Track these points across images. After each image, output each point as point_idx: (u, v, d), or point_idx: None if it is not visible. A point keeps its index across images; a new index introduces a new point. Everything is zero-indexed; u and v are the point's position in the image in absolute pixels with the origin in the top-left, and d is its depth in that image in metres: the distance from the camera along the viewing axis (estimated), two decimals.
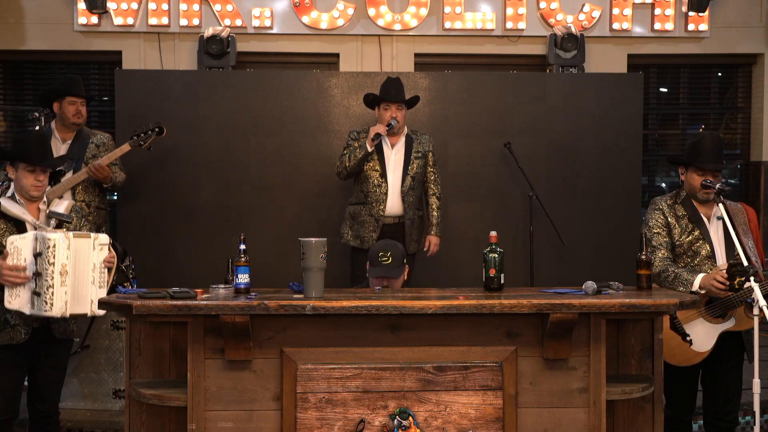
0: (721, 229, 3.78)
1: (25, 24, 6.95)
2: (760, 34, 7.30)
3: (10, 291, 3.49)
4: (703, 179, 3.75)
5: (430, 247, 5.10)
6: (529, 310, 3.07)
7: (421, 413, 3.12)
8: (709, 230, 3.79)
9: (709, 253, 3.75)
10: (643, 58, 7.26)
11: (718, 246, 3.77)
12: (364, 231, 5.03)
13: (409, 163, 5.04)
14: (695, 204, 3.82)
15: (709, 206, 3.82)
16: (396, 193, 5.00)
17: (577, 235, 5.89)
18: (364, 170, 5.02)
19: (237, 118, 5.95)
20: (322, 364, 3.10)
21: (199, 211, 5.92)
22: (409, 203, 5.03)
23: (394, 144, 5.06)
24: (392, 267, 3.82)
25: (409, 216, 5.02)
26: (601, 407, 3.17)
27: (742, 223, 3.77)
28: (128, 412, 3.27)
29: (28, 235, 3.53)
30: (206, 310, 3.00)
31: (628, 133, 6.08)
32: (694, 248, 3.77)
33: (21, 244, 3.50)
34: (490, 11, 7.05)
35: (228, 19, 6.87)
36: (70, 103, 5.17)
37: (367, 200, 5.03)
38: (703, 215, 3.81)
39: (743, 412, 4.59)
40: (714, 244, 3.76)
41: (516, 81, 6.16)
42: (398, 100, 4.99)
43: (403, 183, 5.01)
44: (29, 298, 3.51)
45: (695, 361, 3.71)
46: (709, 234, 3.77)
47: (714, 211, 3.81)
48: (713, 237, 3.78)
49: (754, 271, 3.46)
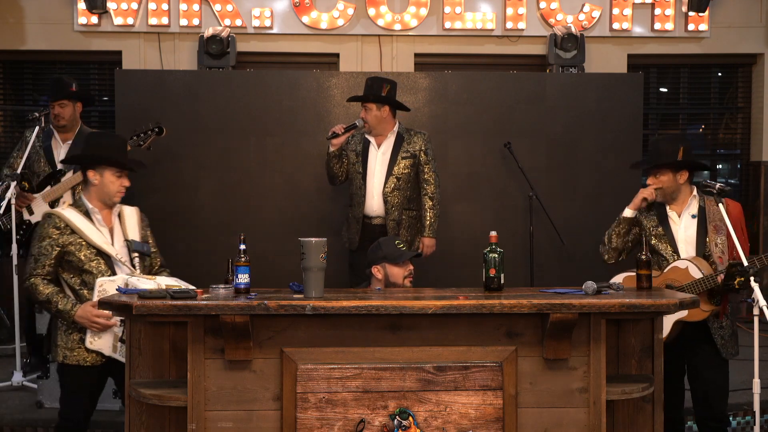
0: (694, 227, 3.86)
1: (25, 24, 6.95)
2: (760, 34, 7.31)
3: (93, 333, 3.52)
4: (649, 179, 3.95)
5: (423, 249, 5.00)
6: (529, 310, 3.07)
7: (421, 413, 3.12)
8: (675, 229, 3.88)
9: (671, 252, 3.85)
10: (643, 58, 7.26)
11: (685, 242, 3.85)
12: (350, 233, 5.05)
13: (394, 164, 4.97)
14: (667, 204, 3.94)
15: (680, 204, 3.91)
16: (377, 194, 4.97)
17: (577, 235, 5.88)
18: (350, 170, 5.03)
19: (237, 118, 5.95)
20: (322, 364, 3.10)
21: (199, 211, 5.91)
22: (394, 204, 4.95)
23: (380, 144, 5.02)
24: (410, 251, 4.08)
25: (393, 217, 4.95)
26: (601, 407, 3.17)
27: (717, 220, 3.81)
28: (128, 412, 3.27)
29: (118, 278, 3.50)
30: (206, 310, 3.00)
31: (628, 133, 6.08)
32: (659, 245, 3.88)
33: (110, 288, 3.46)
34: (490, 11, 7.05)
35: (228, 19, 6.87)
36: (52, 106, 5.19)
37: (352, 202, 5.05)
38: (676, 213, 3.91)
39: (743, 412, 4.59)
40: (678, 242, 3.86)
41: (516, 81, 6.16)
42: (363, 100, 4.95)
43: (386, 184, 4.96)
44: (112, 344, 3.54)
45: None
46: (672, 232, 3.88)
47: (687, 209, 3.90)
48: (680, 234, 3.87)
49: (754, 271, 3.49)
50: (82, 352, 3.58)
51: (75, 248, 3.57)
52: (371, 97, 4.93)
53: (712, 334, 3.75)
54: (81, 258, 3.57)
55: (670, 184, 3.88)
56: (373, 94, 4.92)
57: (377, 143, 5.02)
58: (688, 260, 3.77)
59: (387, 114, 4.99)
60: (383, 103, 4.95)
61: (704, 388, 3.80)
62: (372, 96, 4.92)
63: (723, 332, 3.76)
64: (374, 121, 4.95)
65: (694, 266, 3.73)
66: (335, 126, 4.95)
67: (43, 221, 3.66)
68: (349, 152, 5.05)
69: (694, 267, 3.73)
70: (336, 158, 4.97)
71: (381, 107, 4.94)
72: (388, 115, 4.99)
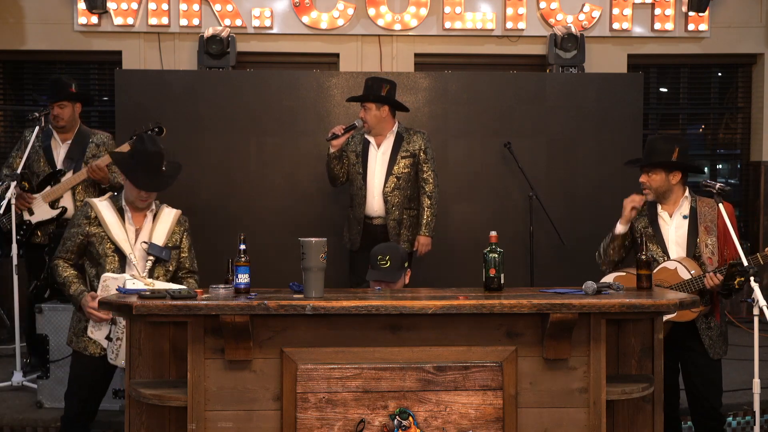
0: (685, 228, 3.86)
1: (25, 24, 6.95)
2: (760, 34, 7.30)
3: (94, 323, 3.62)
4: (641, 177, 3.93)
5: (418, 247, 4.99)
6: (529, 310, 3.07)
7: (421, 413, 3.12)
8: (665, 229, 3.88)
9: (661, 253, 3.85)
10: (643, 58, 7.26)
11: (675, 243, 3.85)
12: (351, 233, 5.05)
13: (394, 163, 4.98)
14: (659, 204, 3.93)
15: (672, 204, 3.91)
16: (378, 194, 4.97)
17: (577, 235, 5.88)
18: (350, 171, 5.03)
19: (237, 118, 5.95)
20: (322, 364, 3.10)
21: (199, 211, 5.91)
22: (394, 204, 4.95)
23: (380, 144, 5.03)
24: (390, 270, 3.81)
25: (393, 217, 4.96)
26: (601, 407, 3.17)
27: (708, 221, 3.81)
28: (128, 412, 3.27)
29: (120, 277, 3.57)
30: (206, 310, 3.00)
31: (628, 133, 6.08)
32: (649, 246, 3.86)
33: (112, 285, 3.55)
34: (490, 11, 7.05)
35: (228, 19, 6.87)
36: (51, 107, 5.19)
37: (353, 202, 5.05)
38: (667, 213, 3.90)
39: (743, 412, 4.60)
40: (668, 243, 3.86)
41: (516, 81, 6.16)
42: (363, 100, 4.96)
43: (385, 183, 4.97)
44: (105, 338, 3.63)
45: None
46: (662, 233, 3.88)
47: (679, 209, 3.90)
48: (670, 235, 3.87)
49: (754, 271, 3.49)
50: (85, 340, 3.69)
51: (96, 240, 3.69)
52: (371, 96, 4.94)
53: (700, 334, 3.77)
54: (99, 251, 3.68)
55: (661, 183, 3.87)
56: (373, 94, 4.93)
57: (377, 143, 5.02)
58: (677, 261, 3.78)
59: (386, 114, 4.99)
60: (383, 102, 4.96)
61: (697, 386, 3.82)
62: (372, 96, 4.93)
63: (711, 333, 3.78)
64: (373, 121, 4.95)
65: (683, 267, 3.74)
66: (335, 127, 4.95)
67: (80, 208, 3.86)
68: (349, 153, 5.05)
69: (683, 268, 3.74)
70: (336, 159, 4.97)
71: (380, 107, 4.95)
72: (388, 114, 5.00)
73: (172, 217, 3.87)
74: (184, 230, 3.91)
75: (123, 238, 3.70)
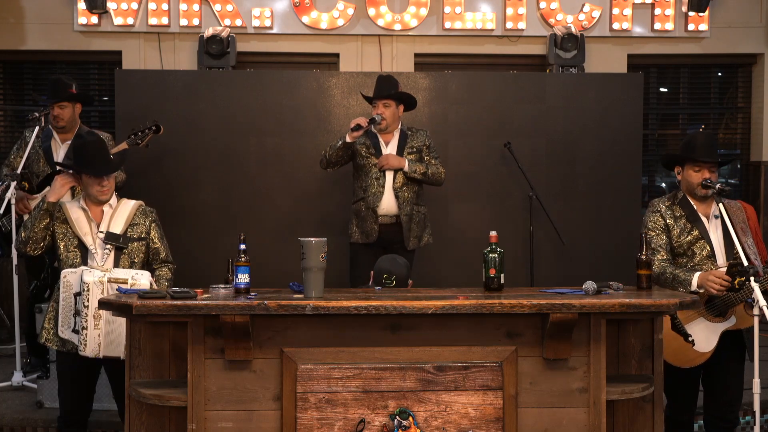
0: (720, 228, 3.76)
1: (25, 24, 6.95)
2: (760, 34, 7.30)
3: (63, 321, 3.67)
4: (701, 176, 3.74)
5: (387, 158, 4.93)
6: (529, 310, 3.07)
7: (421, 413, 3.12)
8: (708, 229, 3.77)
9: (709, 252, 3.74)
10: (643, 58, 7.26)
11: (718, 245, 3.75)
12: (366, 225, 5.03)
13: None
14: (693, 203, 3.81)
15: (707, 205, 3.81)
16: (389, 189, 4.99)
17: (577, 235, 5.88)
18: (363, 164, 5.02)
19: (237, 118, 5.95)
20: (322, 364, 3.10)
21: (199, 211, 5.91)
22: (405, 199, 4.98)
23: (387, 141, 5.04)
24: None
25: (405, 212, 4.98)
26: (601, 407, 3.17)
27: (741, 222, 3.76)
28: (128, 412, 3.27)
29: (77, 271, 3.67)
30: (206, 310, 3.00)
31: (628, 133, 6.08)
32: (693, 248, 3.76)
33: (72, 280, 3.66)
34: (490, 11, 7.05)
35: (228, 19, 6.87)
36: (51, 107, 5.19)
37: (366, 194, 5.03)
38: (701, 214, 3.79)
39: (743, 412, 4.59)
40: (713, 244, 3.75)
41: (516, 81, 6.16)
42: (382, 96, 4.97)
43: (395, 179, 4.99)
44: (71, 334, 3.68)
45: (698, 362, 3.70)
46: (708, 233, 3.76)
47: (712, 210, 3.80)
48: (712, 236, 3.76)
49: (754, 271, 3.47)
50: (55, 337, 3.76)
51: (59, 237, 3.82)
52: (395, 93, 5.00)
53: (743, 336, 3.72)
54: (61, 248, 3.81)
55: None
56: (394, 90, 4.99)
57: (385, 141, 5.04)
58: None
59: (401, 111, 5.07)
60: (406, 100, 5.06)
61: (726, 390, 3.76)
62: (395, 92, 5.00)
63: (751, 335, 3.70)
64: (392, 118, 5.01)
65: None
66: (358, 118, 4.95)
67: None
68: (359, 146, 5.04)
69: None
70: (348, 149, 4.98)
71: (399, 104, 5.02)
72: (401, 112, 5.06)
73: (131, 207, 3.95)
74: (151, 221, 3.99)
75: (86, 232, 3.80)
